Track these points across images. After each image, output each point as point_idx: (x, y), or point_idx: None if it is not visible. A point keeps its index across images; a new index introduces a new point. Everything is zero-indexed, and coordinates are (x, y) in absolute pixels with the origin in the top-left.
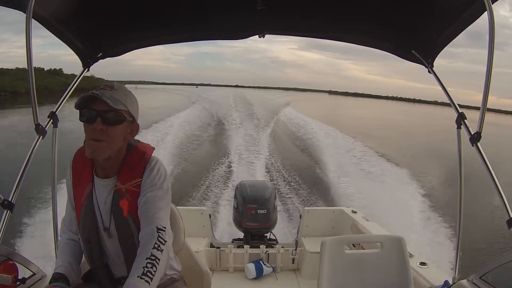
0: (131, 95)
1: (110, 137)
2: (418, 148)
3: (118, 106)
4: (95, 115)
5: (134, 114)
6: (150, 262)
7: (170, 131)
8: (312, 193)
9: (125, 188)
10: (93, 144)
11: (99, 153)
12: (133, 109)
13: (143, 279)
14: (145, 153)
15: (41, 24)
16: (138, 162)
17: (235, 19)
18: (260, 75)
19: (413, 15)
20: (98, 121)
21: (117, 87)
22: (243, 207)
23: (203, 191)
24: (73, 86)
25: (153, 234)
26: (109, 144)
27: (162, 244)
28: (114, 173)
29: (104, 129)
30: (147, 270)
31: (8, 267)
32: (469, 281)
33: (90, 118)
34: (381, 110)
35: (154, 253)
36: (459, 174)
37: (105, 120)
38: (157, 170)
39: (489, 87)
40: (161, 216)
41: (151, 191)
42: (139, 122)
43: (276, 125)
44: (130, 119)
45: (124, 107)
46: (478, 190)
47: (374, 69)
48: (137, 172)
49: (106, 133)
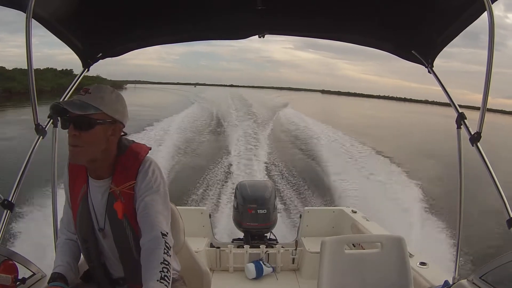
0: (111, 95)
1: (86, 142)
2: (414, 147)
3: (86, 111)
4: (67, 122)
5: (114, 114)
6: (165, 267)
7: (170, 129)
8: (312, 193)
9: (119, 190)
10: (71, 149)
11: (77, 157)
12: (112, 110)
13: (163, 283)
14: (139, 154)
15: (41, 24)
16: (132, 163)
17: (235, 19)
18: (255, 74)
19: (413, 15)
20: (71, 127)
21: (93, 90)
22: (243, 207)
23: (203, 191)
24: (73, 86)
25: (159, 240)
26: (86, 149)
27: (169, 250)
28: (107, 174)
29: (78, 135)
30: (164, 274)
31: (8, 267)
32: (469, 281)
33: (64, 125)
34: (373, 108)
35: (166, 258)
36: (459, 174)
37: (77, 125)
38: (151, 172)
39: (489, 87)
40: (161, 221)
41: (148, 195)
42: (141, 120)
43: (275, 124)
44: (108, 120)
45: (97, 110)
46: (478, 190)
47: (369, 69)
48: (131, 173)
49: (80, 138)
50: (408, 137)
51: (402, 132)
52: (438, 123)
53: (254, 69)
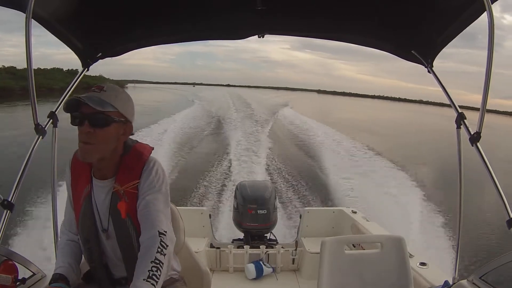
0: (123, 95)
1: (99, 139)
2: (412, 146)
3: (105, 108)
4: (82, 118)
5: (127, 114)
6: (155, 266)
7: (170, 129)
8: (312, 193)
9: (123, 190)
10: (82, 146)
11: (88, 155)
12: (124, 109)
13: (149, 282)
14: (143, 153)
15: (40, 24)
16: (136, 163)
17: (235, 19)
18: (251, 74)
19: (413, 15)
20: (86, 124)
21: (107, 88)
22: (243, 207)
23: (202, 191)
24: (72, 86)
25: (155, 238)
26: (98, 146)
27: (165, 249)
28: (111, 174)
29: (92, 132)
30: (152, 273)
31: (8, 267)
32: (469, 281)
33: (79, 121)
34: (370, 108)
35: (158, 257)
36: (459, 174)
37: (92, 122)
38: (155, 172)
39: (489, 87)
40: (162, 220)
41: (150, 194)
42: (143, 120)
43: (275, 124)
44: (122, 119)
45: (113, 109)
46: (478, 190)
47: (365, 69)
48: (135, 173)
49: (94, 136)
50: (405, 137)
51: (399, 132)
52: (436, 123)
53: (250, 69)
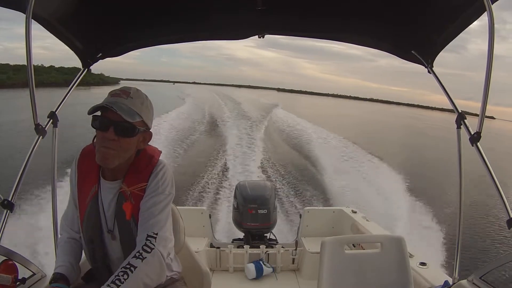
0: (147, 102)
1: (122, 147)
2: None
3: (133, 119)
4: (108, 124)
5: (149, 122)
6: (122, 271)
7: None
8: (311, 193)
9: (129, 191)
10: (104, 151)
11: (110, 161)
12: (148, 117)
13: (110, 287)
14: (153, 157)
15: (40, 25)
16: (145, 166)
17: (235, 20)
18: (215, 72)
19: (413, 15)
20: (111, 131)
21: (133, 94)
22: (243, 207)
23: (200, 190)
24: (72, 86)
25: (141, 242)
26: (120, 153)
27: (146, 252)
28: (121, 175)
29: (116, 139)
30: (116, 278)
31: (8, 267)
32: (469, 281)
33: (103, 126)
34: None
35: (131, 261)
36: (459, 174)
37: (118, 131)
38: (162, 175)
39: (489, 87)
40: (155, 223)
41: (152, 197)
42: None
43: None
44: (144, 128)
45: (139, 118)
46: (478, 190)
47: (328, 68)
48: (144, 176)
49: (118, 143)
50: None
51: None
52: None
53: (215, 66)
